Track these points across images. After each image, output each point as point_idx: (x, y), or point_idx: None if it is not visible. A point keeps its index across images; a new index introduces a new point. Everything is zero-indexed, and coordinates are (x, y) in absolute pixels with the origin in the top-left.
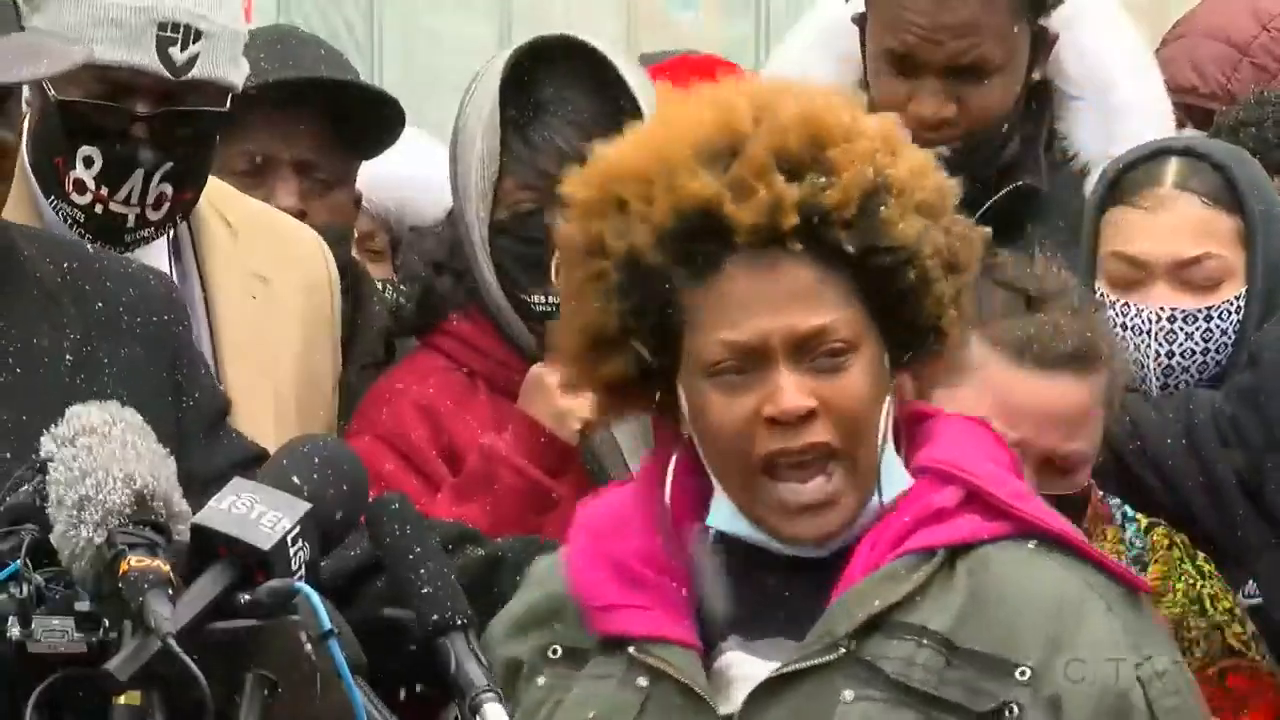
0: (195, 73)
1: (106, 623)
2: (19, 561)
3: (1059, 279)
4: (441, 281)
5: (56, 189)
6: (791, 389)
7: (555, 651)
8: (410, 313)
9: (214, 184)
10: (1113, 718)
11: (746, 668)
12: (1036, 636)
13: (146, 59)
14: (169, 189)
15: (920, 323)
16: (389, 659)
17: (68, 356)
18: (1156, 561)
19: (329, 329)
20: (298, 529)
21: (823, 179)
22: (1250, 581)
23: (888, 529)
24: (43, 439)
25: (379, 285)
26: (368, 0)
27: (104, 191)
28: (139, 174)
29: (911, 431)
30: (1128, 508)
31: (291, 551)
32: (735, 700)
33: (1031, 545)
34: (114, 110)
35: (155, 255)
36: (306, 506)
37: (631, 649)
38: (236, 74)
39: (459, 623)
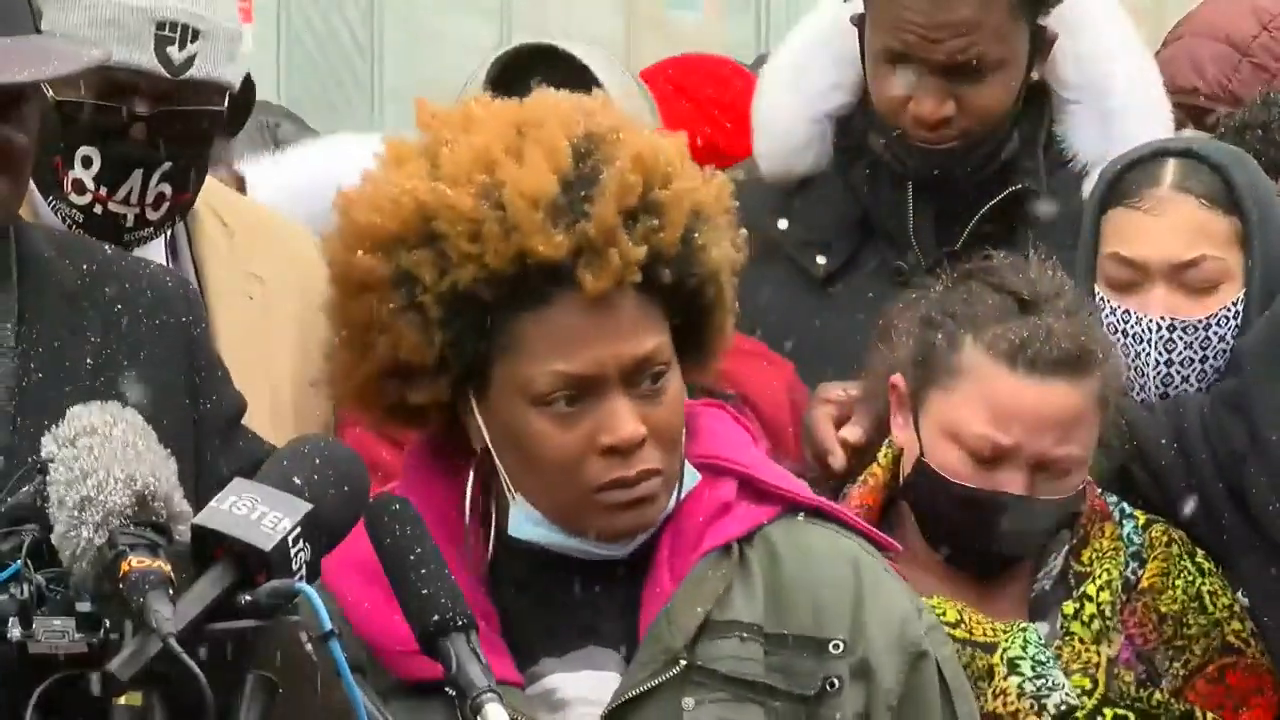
0: (193, 72)
1: (107, 623)
2: (20, 562)
3: (1053, 281)
4: None
5: (55, 189)
6: (629, 417)
7: None
8: None
9: (210, 184)
10: (914, 672)
11: (573, 688)
12: (840, 608)
13: (145, 59)
14: (168, 189)
15: (709, 332)
16: None
17: (88, 360)
18: (1155, 558)
19: (325, 328)
20: (298, 529)
21: (655, 221)
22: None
23: (682, 530)
24: (43, 439)
25: None
26: (368, 2)
27: (103, 191)
28: (138, 174)
29: None
30: (1125, 504)
31: (292, 552)
32: None
33: (800, 518)
34: (113, 110)
35: (153, 255)
36: (307, 507)
37: (449, 690)
38: (232, 73)
39: (459, 623)
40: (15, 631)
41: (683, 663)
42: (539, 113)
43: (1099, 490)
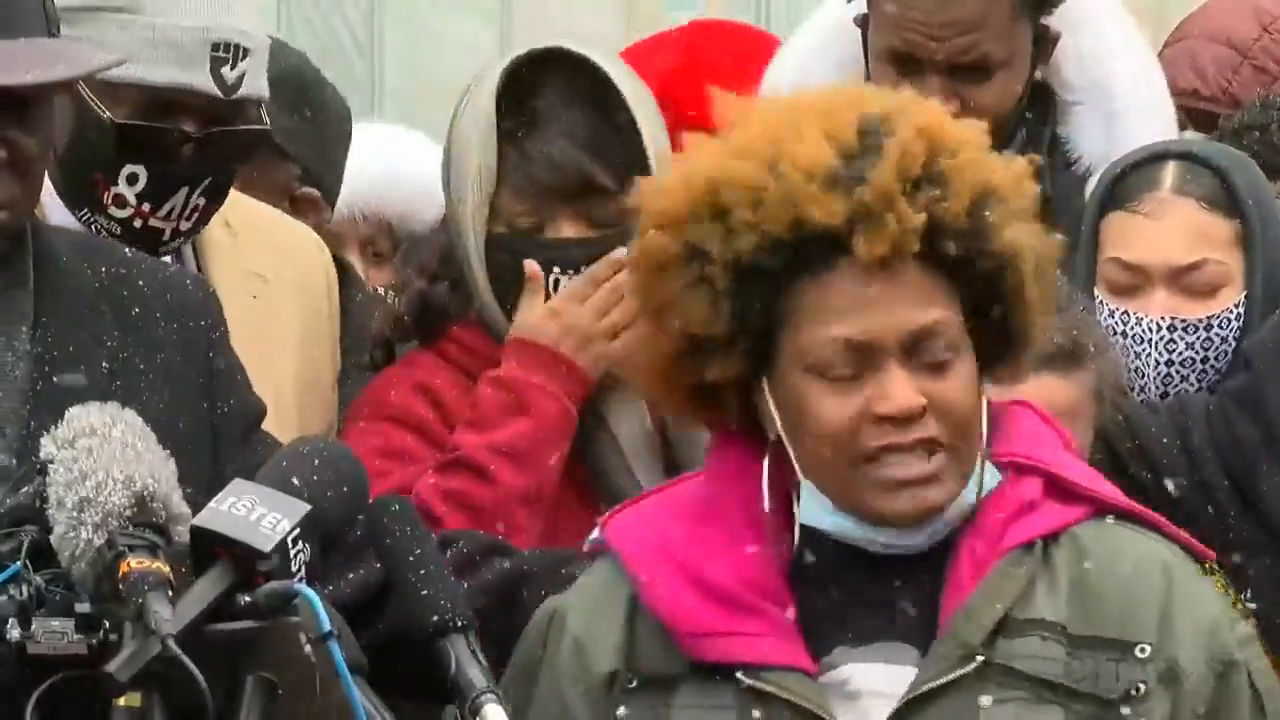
0: (243, 91)
1: (107, 624)
2: (19, 563)
3: None
4: (437, 291)
5: (92, 203)
6: (904, 387)
7: (632, 681)
8: (409, 327)
9: None
10: (1224, 683)
11: (867, 680)
12: (1149, 612)
13: (201, 80)
14: (203, 202)
15: (1012, 327)
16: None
17: (104, 363)
18: None
19: (328, 328)
20: (298, 530)
21: (938, 191)
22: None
23: (984, 527)
24: (43, 440)
25: (381, 291)
26: (368, 2)
27: (146, 207)
28: (184, 191)
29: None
30: None
31: (291, 553)
32: (864, 716)
33: (1110, 521)
34: (165, 131)
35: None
36: (306, 508)
37: (741, 675)
38: (265, 86)
39: (459, 624)
40: (15, 632)
41: (980, 659)
42: (827, 95)
43: None
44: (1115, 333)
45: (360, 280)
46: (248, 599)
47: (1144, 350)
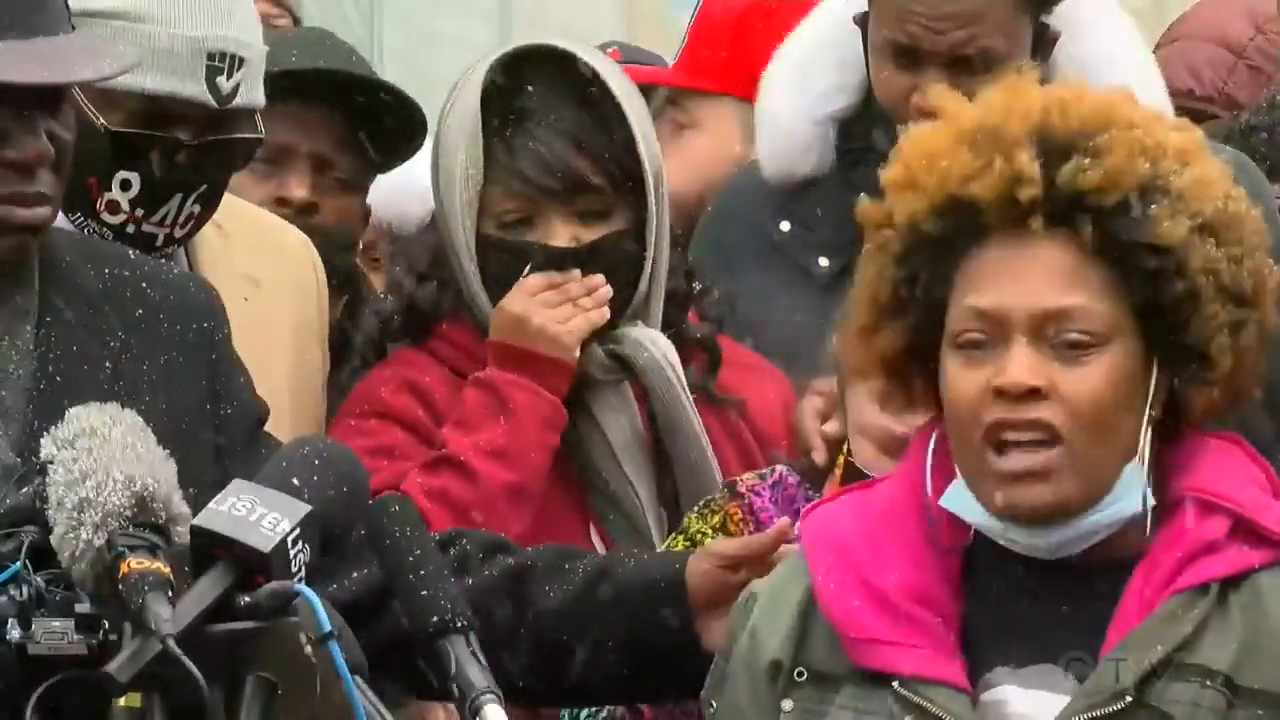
0: (238, 101)
1: (106, 625)
2: (19, 563)
3: None
4: (425, 291)
5: (85, 208)
6: (1022, 363)
7: (801, 674)
8: (398, 326)
9: None
10: None
11: (1021, 704)
12: None
13: (196, 90)
14: (198, 209)
15: (1187, 340)
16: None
17: (107, 364)
18: None
19: (317, 330)
20: (297, 531)
21: (1087, 161)
22: None
23: (1158, 562)
24: (43, 441)
25: (382, 295)
26: (368, 2)
27: (139, 213)
28: (177, 199)
29: (1167, 453)
30: None
31: (291, 553)
32: None
33: None
34: (160, 139)
35: None
36: (306, 508)
37: (897, 685)
38: (262, 95)
39: (459, 625)
40: (15, 633)
41: (1129, 698)
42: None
43: None
44: None
45: (372, 289)
46: (248, 599)
47: None
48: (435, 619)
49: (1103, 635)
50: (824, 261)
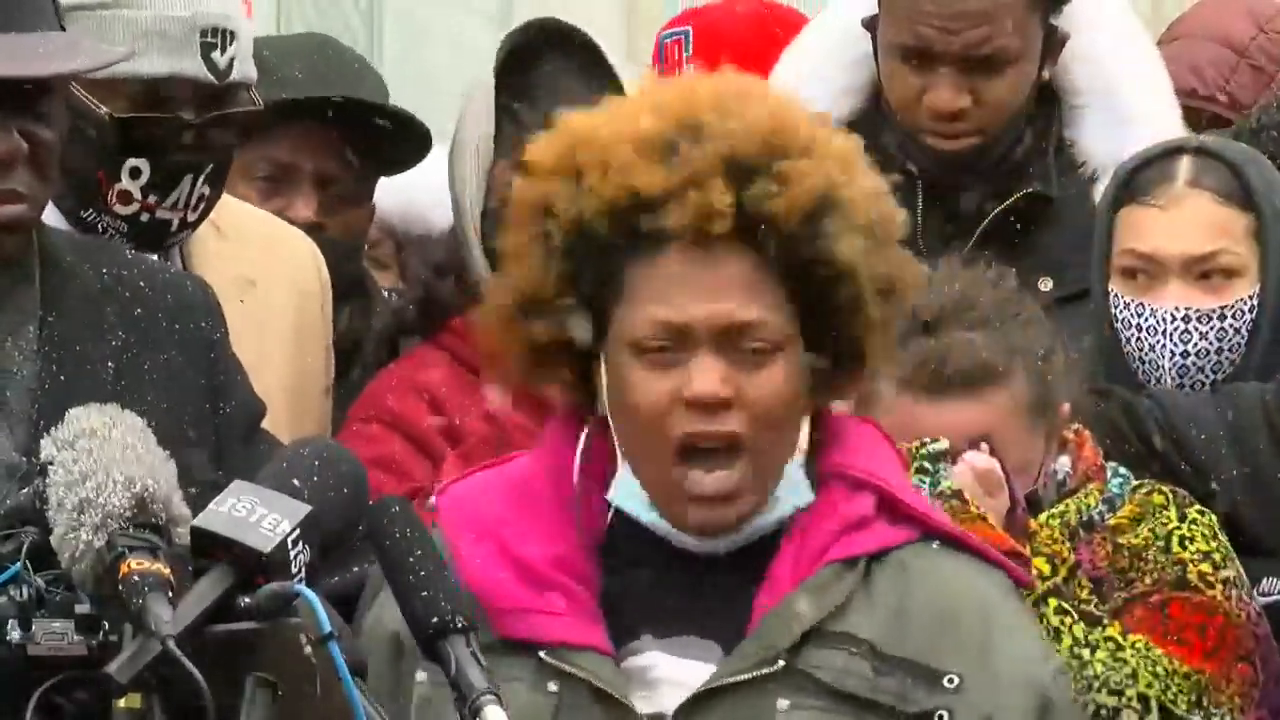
0: (235, 75)
1: (107, 625)
2: (19, 564)
3: (964, 295)
4: (442, 284)
5: (96, 201)
6: (711, 374)
7: None
8: (412, 316)
9: None
10: (1039, 717)
11: (667, 669)
12: (965, 644)
13: (194, 67)
14: (208, 190)
15: (846, 341)
16: None
17: (110, 363)
18: (1130, 504)
19: (320, 333)
20: (298, 531)
21: (773, 186)
22: (1265, 579)
23: (810, 535)
24: (43, 441)
25: (386, 294)
26: (368, 3)
27: (151, 200)
28: (188, 179)
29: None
30: (1123, 470)
31: (291, 554)
32: (659, 703)
33: (935, 546)
34: (164, 121)
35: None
36: (306, 509)
37: (542, 654)
38: (254, 69)
39: (459, 625)
40: (15, 634)
41: (782, 663)
42: (710, 79)
43: (1100, 455)
44: (1129, 326)
45: (380, 292)
46: (248, 600)
47: (1159, 341)
48: (435, 619)
49: (749, 607)
50: None
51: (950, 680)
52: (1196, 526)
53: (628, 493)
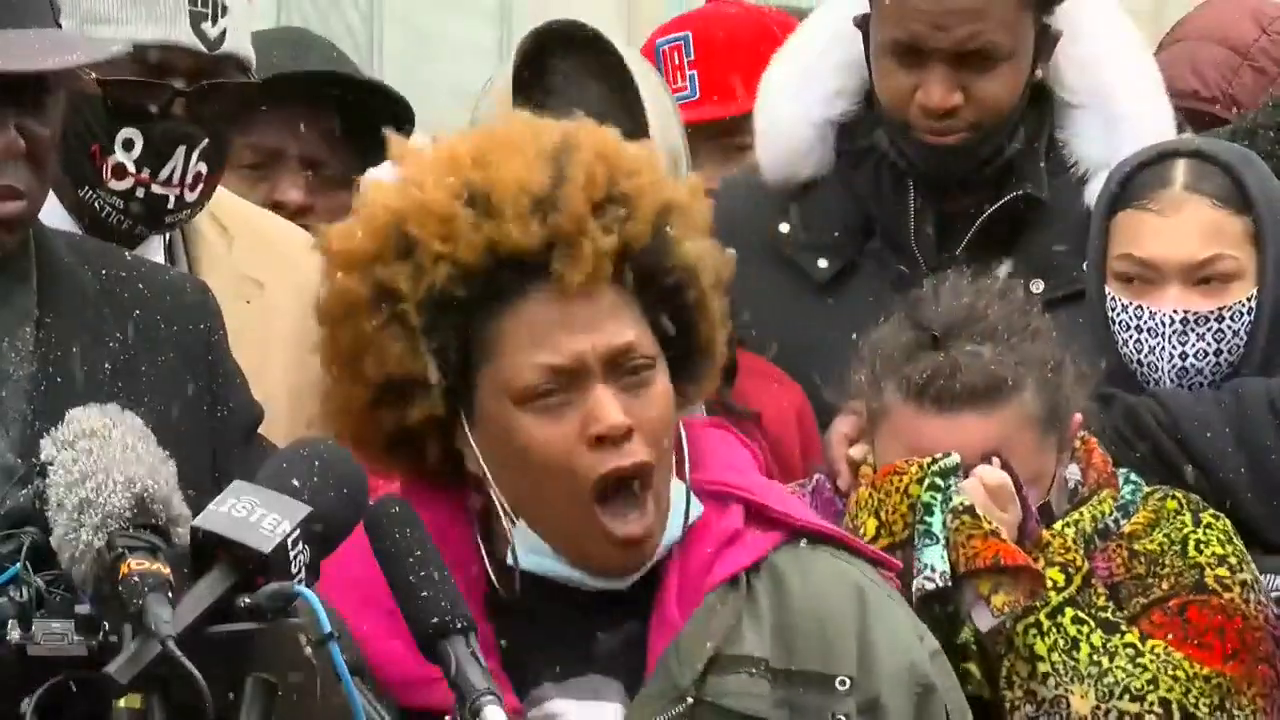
0: (226, 47)
1: (106, 626)
2: (19, 564)
3: (973, 308)
4: None
5: (92, 177)
6: (613, 405)
7: None
8: None
9: None
10: (921, 702)
11: (576, 716)
12: (846, 641)
13: (183, 35)
14: (204, 168)
15: (698, 340)
16: None
17: (107, 364)
18: (1144, 510)
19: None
20: (297, 532)
21: (622, 210)
22: (1267, 576)
23: (690, 561)
24: (43, 442)
25: None
26: (368, 3)
27: (145, 174)
28: (181, 152)
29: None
30: (1135, 476)
31: (291, 554)
32: None
33: (803, 544)
34: (156, 87)
35: (151, 258)
36: (306, 509)
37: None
38: (250, 49)
39: (459, 626)
40: (15, 634)
41: (689, 700)
42: (506, 128)
43: (1112, 466)
44: (1127, 328)
45: None
46: (248, 600)
47: (1157, 344)
48: (435, 620)
49: (643, 639)
50: (823, 263)
51: (842, 682)
52: (1212, 530)
53: (528, 552)
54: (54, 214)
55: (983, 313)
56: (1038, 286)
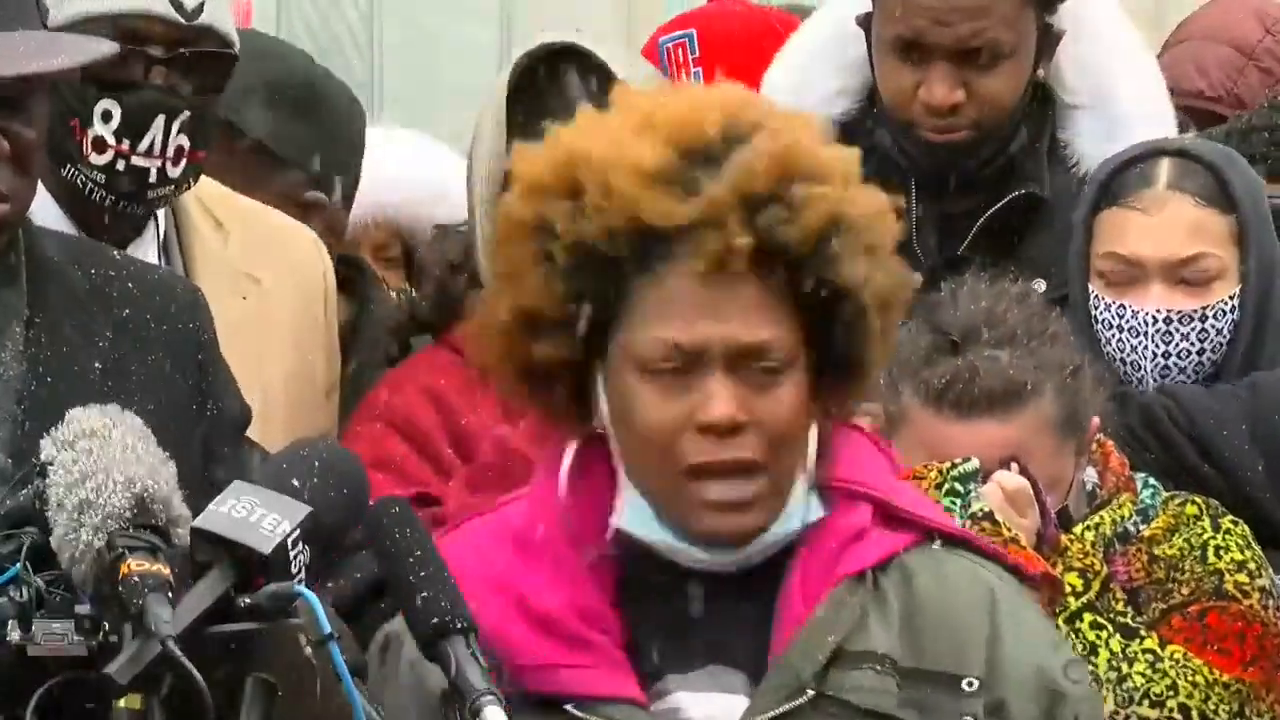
0: (204, 18)
1: (107, 626)
2: (19, 565)
3: (991, 313)
4: (456, 281)
5: (74, 151)
6: (726, 398)
7: None
8: (426, 311)
9: (205, 183)
10: (1049, 708)
11: (698, 708)
12: (976, 643)
13: (158, 4)
14: (186, 142)
15: (849, 355)
16: None
17: (97, 364)
18: (1164, 515)
19: (324, 332)
20: (298, 532)
21: (785, 213)
22: None
23: (816, 555)
24: (43, 442)
25: (394, 294)
26: (368, 3)
27: (125, 145)
28: (160, 121)
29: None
30: (1153, 480)
31: (291, 555)
32: None
33: (937, 546)
34: (132, 55)
35: (145, 254)
36: (306, 510)
37: (572, 708)
38: (234, 33)
39: (459, 626)
40: (15, 634)
41: (811, 692)
42: (711, 94)
43: (1129, 470)
44: (1110, 327)
45: (379, 281)
46: (248, 601)
47: (1140, 343)
48: (435, 620)
49: (768, 630)
50: None
51: (970, 684)
52: (1231, 536)
53: (637, 517)
54: (36, 199)
55: (1001, 317)
56: (1040, 287)
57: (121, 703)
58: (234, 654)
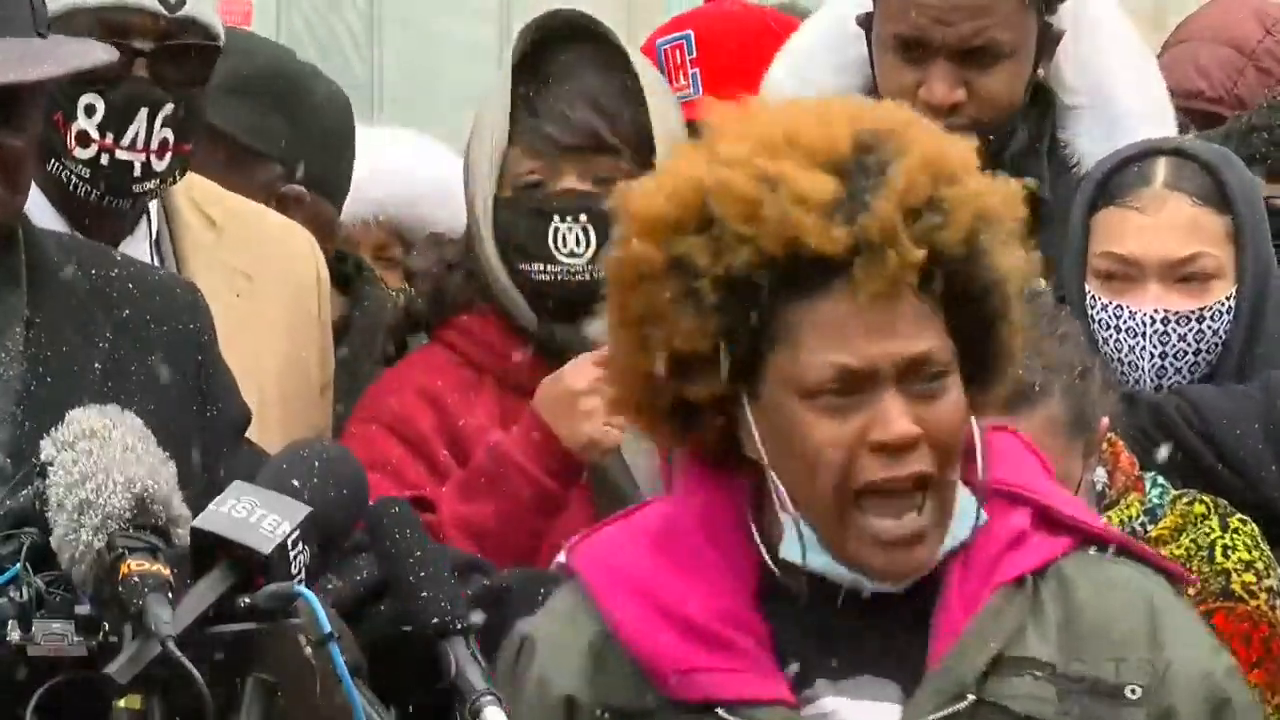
0: (188, 10)
1: (106, 626)
2: (19, 565)
3: None
4: (452, 279)
5: (59, 146)
6: (901, 415)
7: (603, 714)
8: (421, 308)
9: (196, 180)
10: (1216, 715)
11: (850, 715)
12: (1137, 651)
13: None
14: (170, 135)
15: (997, 348)
16: (396, 672)
17: (97, 364)
18: (1172, 515)
19: (318, 329)
20: (298, 532)
21: (939, 219)
22: None
23: (975, 560)
24: (43, 442)
25: (393, 293)
26: (368, 3)
27: (109, 139)
28: (143, 114)
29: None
30: (1161, 479)
31: (291, 555)
32: None
33: (1094, 551)
34: (115, 48)
35: (137, 251)
36: (306, 510)
37: (720, 711)
38: (218, 25)
39: (459, 626)
40: (15, 634)
41: (971, 698)
42: (823, 105)
43: (1139, 470)
44: (1107, 327)
45: (375, 278)
46: (248, 601)
47: (1137, 343)
48: (435, 620)
49: (923, 637)
50: None
51: (1133, 691)
52: (1239, 536)
53: (800, 545)
54: (47, 216)
55: None
56: (1040, 286)
57: (121, 703)
58: (234, 654)
